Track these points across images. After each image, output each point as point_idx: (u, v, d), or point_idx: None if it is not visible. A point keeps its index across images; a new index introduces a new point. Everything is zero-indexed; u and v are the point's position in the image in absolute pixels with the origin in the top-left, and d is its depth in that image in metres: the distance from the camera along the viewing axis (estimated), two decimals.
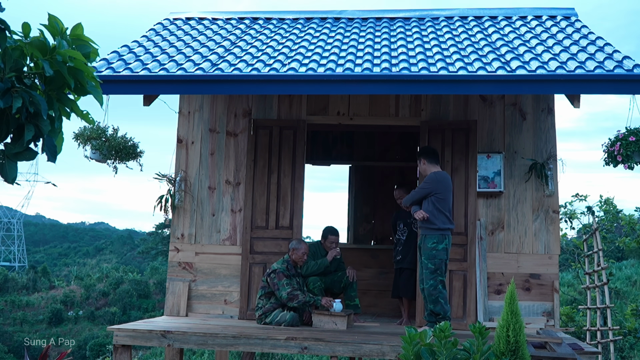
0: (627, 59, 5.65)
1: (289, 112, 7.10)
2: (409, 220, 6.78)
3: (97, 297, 44.48)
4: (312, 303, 6.16)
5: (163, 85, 6.00)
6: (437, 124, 6.85)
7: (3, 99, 2.29)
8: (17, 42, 2.40)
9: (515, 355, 3.68)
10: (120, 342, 5.57)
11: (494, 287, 6.58)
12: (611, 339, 8.08)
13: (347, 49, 6.41)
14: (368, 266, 8.47)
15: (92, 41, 2.62)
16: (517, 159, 6.72)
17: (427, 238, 5.78)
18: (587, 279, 8.97)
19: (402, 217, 6.96)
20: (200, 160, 7.12)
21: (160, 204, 6.95)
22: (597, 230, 8.51)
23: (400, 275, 6.91)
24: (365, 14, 7.97)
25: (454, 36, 6.79)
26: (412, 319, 6.75)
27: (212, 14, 8.00)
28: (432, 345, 3.53)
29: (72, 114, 2.61)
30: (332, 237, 6.87)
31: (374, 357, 5.30)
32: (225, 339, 5.47)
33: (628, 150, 5.55)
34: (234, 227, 6.98)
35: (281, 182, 6.96)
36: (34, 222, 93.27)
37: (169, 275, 7.04)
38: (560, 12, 7.41)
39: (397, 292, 6.99)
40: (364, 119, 7.14)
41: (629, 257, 20.21)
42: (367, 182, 10.25)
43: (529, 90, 5.76)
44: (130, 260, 59.82)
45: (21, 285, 48.43)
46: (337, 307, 6.05)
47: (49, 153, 2.48)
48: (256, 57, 6.24)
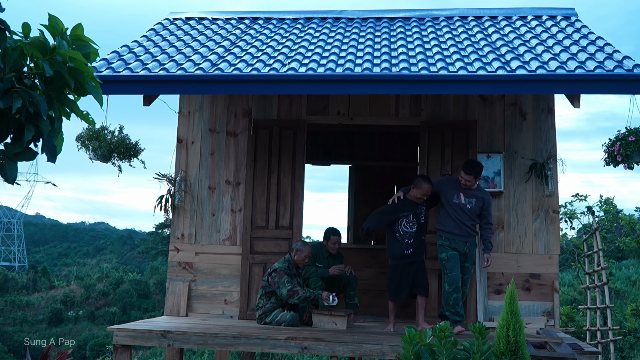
0: (627, 59, 5.64)
1: (289, 112, 7.10)
2: (417, 210, 6.25)
3: (97, 297, 44.48)
4: (312, 298, 6.15)
5: (163, 85, 6.00)
6: (437, 124, 6.84)
7: (3, 99, 2.29)
8: (17, 42, 2.40)
9: (515, 355, 3.68)
10: (120, 342, 5.57)
11: (494, 287, 6.58)
12: (611, 339, 8.08)
13: (347, 49, 6.41)
14: (368, 266, 8.45)
15: (92, 41, 2.62)
16: (517, 159, 6.72)
17: (473, 245, 6.17)
18: (587, 279, 8.97)
19: (408, 207, 6.24)
20: (200, 160, 7.13)
21: (161, 204, 6.95)
22: (597, 230, 8.51)
23: (413, 270, 6.20)
24: (365, 14, 7.96)
25: (454, 36, 6.79)
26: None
27: (212, 14, 8.00)
28: (432, 345, 3.53)
29: (72, 114, 2.61)
30: (334, 237, 6.87)
31: (374, 357, 5.30)
32: (225, 339, 5.47)
33: (628, 150, 5.55)
34: (234, 227, 6.98)
35: (281, 182, 6.96)
36: (34, 222, 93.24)
37: (169, 275, 7.04)
38: (560, 12, 7.41)
39: (411, 290, 6.22)
40: (364, 119, 7.14)
41: (629, 257, 20.20)
42: (367, 182, 10.25)
43: (529, 90, 5.76)
44: (130, 260, 59.81)
45: (21, 285, 48.41)
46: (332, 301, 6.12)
47: (49, 153, 2.48)
48: (256, 57, 6.24)
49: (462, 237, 6.08)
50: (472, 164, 6.12)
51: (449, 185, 6.21)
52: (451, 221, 6.08)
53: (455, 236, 6.08)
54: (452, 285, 5.94)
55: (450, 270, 5.98)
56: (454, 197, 6.13)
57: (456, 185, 6.18)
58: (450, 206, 6.12)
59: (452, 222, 6.08)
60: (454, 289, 5.93)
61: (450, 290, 5.94)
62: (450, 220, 6.09)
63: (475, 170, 6.08)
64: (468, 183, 6.09)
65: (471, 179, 6.07)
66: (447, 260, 6.02)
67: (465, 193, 6.14)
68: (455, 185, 6.19)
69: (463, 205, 6.10)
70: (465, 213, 6.09)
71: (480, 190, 6.22)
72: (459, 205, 6.10)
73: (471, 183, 6.09)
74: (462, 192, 6.14)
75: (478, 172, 6.11)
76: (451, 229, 6.08)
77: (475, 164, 6.15)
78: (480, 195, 6.15)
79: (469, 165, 6.10)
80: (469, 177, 6.05)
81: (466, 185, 6.10)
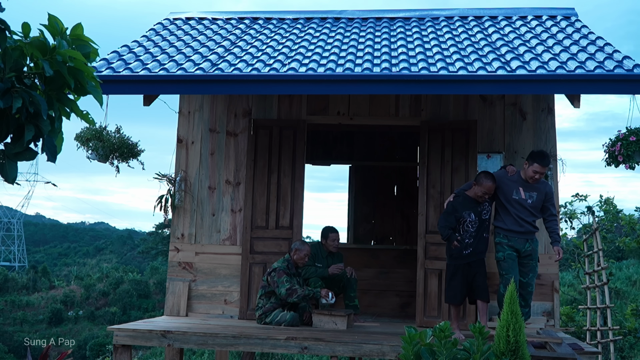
0: (627, 59, 5.64)
1: (289, 112, 7.10)
2: (479, 208, 5.79)
3: (97, 297, 44.49)
4: (311, 296, 6.15)
5: (163, 85, 6.00)
6: (437, 124, 6.84)
7: (3, 99, 2.29)
8: (17, 42, 2.40)
9: (515, 355, 3.68)
10: (120, 342, 5.57)
11: (494, 287, 6.57)
12: (611, 339, 8.08)
13: (347, 49, 6.41)
14: (368, 266, 8.46)
15: (92, 41, 2.62)
16: (517, 159, 6.72)
17: (535, 242, 5.78)
18: (587, 279, 8.97)
19: (469, 206, 5.78)
20: (200, 160, 7.12)
21: (160, 204, 6.95)
22: (597, 230, 8.51)
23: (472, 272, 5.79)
24: (365, 14, 7.96)
25: (454, 36, 6.79)
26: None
27: (212, 14, 8.00)
28: (432, 345, 3.53)
29: (72, 114, 2.61)
30: (332, 234, 6.87)
31: (374, 357, 5.30)
32: (225, 339, 5.47)
33: (629, 150, 5.55)
34: (234, 227, 6.98)
35: (281, 182, 6.96)
36: (34, 222, 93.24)
37: (169, 275, 7.04)
38: (560, 12, 7.41)
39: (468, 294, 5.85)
40: (364, 119, 7.14)
41: (629, 257, 20.20)
42: (367, 182, 10.25)
43: (529, 90, 5.76)
44: (130, 260, 59.80)
45: (21, 285, 48.43)
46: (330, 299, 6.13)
47: (49, 153, 2.48)
48: (256, 57, 6.24)
49: (522, 235, 5.66)
50: (543, 154, 5.62)
51: (507, 179, 5.76)
52: (510, 218, 5.67)
53: (515, 234, 5.65)
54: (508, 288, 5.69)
55: (507, 272, 5.58)
56: (512, 193, 5.68)
57: (515, 179, 5.72)
58: (510, 203, 5.68)
59: (511, 219, 5.66)
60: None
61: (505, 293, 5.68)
62: (510, 217, 5.67)
63: (549, 160, 5.63)
64: (542, 176, 5.62)
65: (545, 171, 5.63)
66: (503, 261, 5.63)
67: (525, 187, 5.68)
68: (513, 180, 5.72)
69: (523, 201, 5.65)
70: (526, 209, 5.65)
71: (541, 183, 5.75)
72: (518, 201, 5.66)
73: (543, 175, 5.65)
74: (522, 186, 5.68)
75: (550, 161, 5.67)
76: (510, 227, 5.65)
77: (546, 154, 5.66)
78: (541, 189, 5.71)
79: (541, 156, 5.59)
80: (544, 169, 5.57)
81: (539, 179, 5.62)
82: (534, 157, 5.62)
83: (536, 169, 5.56)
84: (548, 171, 6.54)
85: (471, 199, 5.79)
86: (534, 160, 5.59)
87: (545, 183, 5.82)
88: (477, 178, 5.80)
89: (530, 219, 5.69)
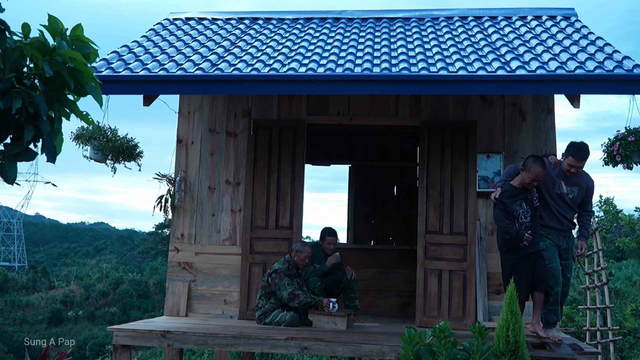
0: (627, 59, 5.65)
1: (289, 112, 7.10)
2: (528, 196, 5.36)
3: (97, 297, 44.48)
4: (312, 304, 6.16)
5: (163, 85, 6.00)
6: (437, 124, 6.84)
7: (3, 100, 2.29)
8: (17, 43, 2.40)
9: (515, 355, 3.67)
10: (120, 342, 5.57)
11: (493, 287, 6.57)
12: (611, 339, 8.08)
13: (347, 49, 6.41)
14: (368, 266, 8.46)
15: (91, 42, 2.62)
16: (517, 159, 6.72)
17: (572, 240, 5.52)
18: (587, 279, 8.97)
19: (518, 196, 5.35)
20: (200, 160, 7.12)
21: (160, 204, 6.95)
22: (597, 230, 8.51)
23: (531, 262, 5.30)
24: (365, 14, 7.97)
25: (453, 36, 6.79)
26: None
27: (211, 14, 8.01)
28: (431, 346, 3.53)
29: (71, 114, 2.61)
30: (329, 237, 6.88)
31: (374, 357, 5.30)
32: (225, 339, 5.47)
33: (627, 150, 5.55)
34: (233, 227, 6.98)
35: (281, 182, 6.96)
36: (34, 222, 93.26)
37: (168, 275, 7.04)
38: (560, 12, 7.41)
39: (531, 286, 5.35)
40: (364, 119, 7.14)
41: (629, 257, 20.19)
42: (367, 182, 10.25)
43: (529, 90, 5.76)
44: (130, 260, 59.80)
45: (21, 285, 48.42)
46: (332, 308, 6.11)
47: (48, 153, 2.48)
48: (256, 57, 6.24)
49: (561, 232, 5.40)
50: (581, 147, 5.30)
51: (550, 171, 5.44)
52: (550, 214, 5.39)
53: (554, 231, 5.37)
54: (552, 278, 5.16)
55: (550, 261, 5.23)
56: (554, 186, 5.38)
57: (557, 172, 5.43)
58: (551, 197, 5.38)
59: (551, 215, 5.38)
60: (554, 282, 5.16)
61: (551, 284, 5.19)
62: (549, 212, 5.38)
63: (587, 153, 5.30)
64: (579, 170, 5.34)
65: (582, 165, 5.33)
66: (545, 250, 5.28)
67: (567, 181, 5.38)
68: (555, 173, 5.42)
69: (565, 195, 5.38)
70: (567, 204, 5.38)
71: (583, 176, 5.46)
72: (560, 195, 5.37)
73: (581, 169, 5.38)
74: (564, 180, 5.39)
75: (588, 155, 5.30)
76: (550, 223, 5.37)
77: (583, 147, 5.32)
78: (583, 183, 5.42)
79: (578, 149, 5.29)
80: (581, 163, 5.28)
81: (575, 173, 5.35)
82: (569, 149, 5.34)
83: (571, 162, 5.29)
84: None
85: (518, 189, 5.36)
86: (569, 153, 5.34)
87: (588, 177, 5.52)
88: (525, 163, 5.32)
89: (570, 215, 5.43)
